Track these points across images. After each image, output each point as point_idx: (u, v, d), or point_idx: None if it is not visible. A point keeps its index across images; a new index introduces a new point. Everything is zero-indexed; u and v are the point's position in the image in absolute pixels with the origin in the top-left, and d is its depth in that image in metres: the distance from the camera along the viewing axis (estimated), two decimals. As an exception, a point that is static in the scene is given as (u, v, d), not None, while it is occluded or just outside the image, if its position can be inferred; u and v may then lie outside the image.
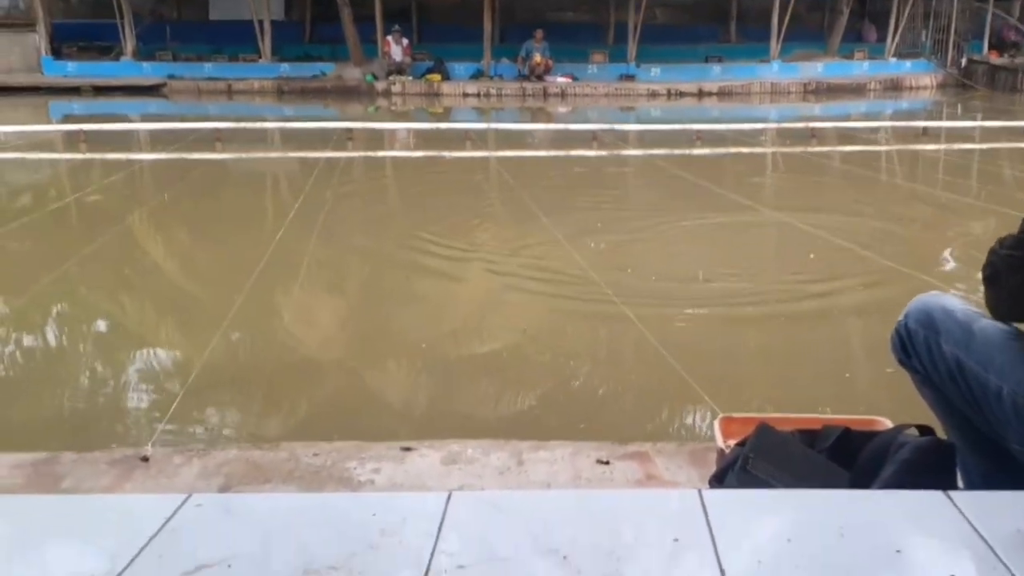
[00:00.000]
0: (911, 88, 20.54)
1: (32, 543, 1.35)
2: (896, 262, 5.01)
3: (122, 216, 6.81)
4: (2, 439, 2.88)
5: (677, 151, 10.24)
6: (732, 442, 1.93)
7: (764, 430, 1.80)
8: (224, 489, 2.19)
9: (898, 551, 1.30)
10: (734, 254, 5.54)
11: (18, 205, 7.57)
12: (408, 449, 2.40)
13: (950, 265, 5.28)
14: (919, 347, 1.71)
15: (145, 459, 2.37)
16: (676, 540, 1.33)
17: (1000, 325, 1.63)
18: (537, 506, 1.47)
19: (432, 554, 1.29)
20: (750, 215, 6.65)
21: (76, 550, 1.34)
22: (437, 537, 1.33)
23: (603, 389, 3.53)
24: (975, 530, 1.35)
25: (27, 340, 4.06)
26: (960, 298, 1.76)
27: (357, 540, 1.32)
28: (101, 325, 4.37)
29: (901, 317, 1.76)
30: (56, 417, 3.21)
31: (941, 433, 1.78)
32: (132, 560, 1.27)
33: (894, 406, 2.31)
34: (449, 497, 1.45)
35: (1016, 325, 1.62)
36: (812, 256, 5.35)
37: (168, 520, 1.39)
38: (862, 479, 1.67)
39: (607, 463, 2.30)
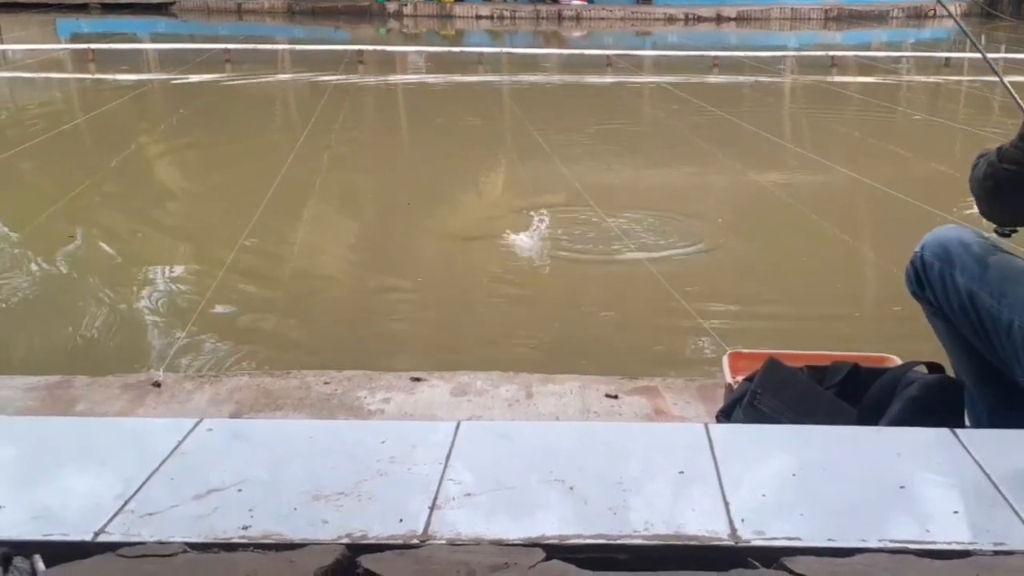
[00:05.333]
0: (934, 16, 20.03)
1: (46, 465, 1.37)
2: (925, 202, 4.90)
3: (132, 138, 6.76)
4: (17, 362, 2.91)
5: (694, 78, 10.05)
6: (740, 377, 1.94)
7: (772, 366, 1.80)
8: (235, 415, 2.21)
9: (902, 487, 1.30)
10: (757, 197, 5.45)
11: (29, 126, 7.52)
12: (418, 380, 2.41)
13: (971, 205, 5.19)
14: (933, 280, 1.69)
15: (157, 384, 2.39)
16: (681, 473, 1.33)
17: (1016, 260, 1.61)
18: (545, 437, 1.48)
19: (440, 482, 1.30)
20: (777, 154, 6.53)
21: (89, 472, 1.36)
22: (445, 465, 1.34)
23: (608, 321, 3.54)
24: (980, 468, 1.35)
25: (40, 263, 4.07)
26: (977, 232, 1.74)
27: (366, 467, 1.33)
28: (112, 250, 4.37)
29: (917, 249, 1.74)
30: (68, 341, 3.23)
31: (950, 371, 1.77)
32: (144, 482, 1.29)
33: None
34: (458, 426, 1.46)
35: None
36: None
37: (179, 444, 1.40)
38: (869, 416, 1.68)
39: (616, 397, 2.31)
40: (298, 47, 13.30)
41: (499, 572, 1.08)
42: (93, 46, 11.38)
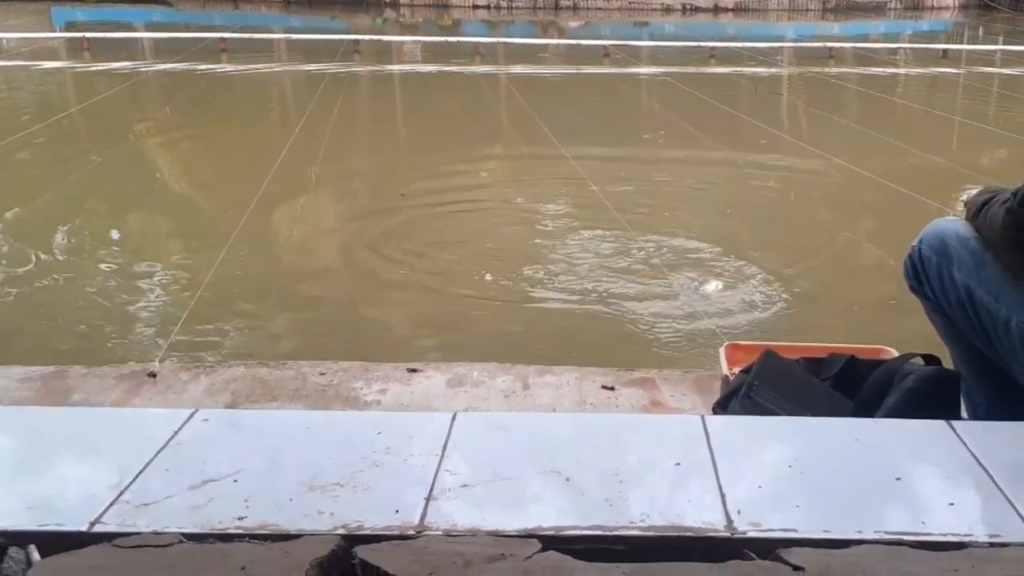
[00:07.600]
0: (932, 8, 20.00)
1: (41, 455, 1.37)
2: (923, 194, 4.88)
3: (127, 128, 6.74)
4: (12, 352, 2.90)
5: (691, 69, 10.03)
6: (737, 369, 1.93)
7: (769, 357, 1.80)
8: (231, 406, 2.21)
9: (898, 479, 1.30)
10: (751, 185, 5.44)
11: (23, 115, 7.48)
12: (414, 370, 2.41)
13: (967, 195, 5.19)
14: (931, 274, 1.69)
15: (152, 375, 2.38)
16: (678, 464, 1.33)
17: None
18: (541, 428, 1.48)
19: (436, 473, 1.30)
20: (773, 143, 6.51)
21: (85, 462, 1.36)
22: (441, 456, 1.34)
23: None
24: (976, 460, 1.35)
25: (34, 254, 4.05)
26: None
27: (362, 457, 1.33)
28: (107, 240, 4.36)
29: (915, 242, 1.73)
30: (64, 331, 3.22)
31: (947, 363, 1.77)
32: (139, 472, 1.29)
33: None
34: (454, 417, 1.45)
35: None
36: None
37: (175, 434, 1.40)
38: (866, 408, 1.68)
39: (612, 389, 2.31)
40: (294, 36, 13.25)
41: (495, 563, 1.07)
42: (88, 35, 11.33)
